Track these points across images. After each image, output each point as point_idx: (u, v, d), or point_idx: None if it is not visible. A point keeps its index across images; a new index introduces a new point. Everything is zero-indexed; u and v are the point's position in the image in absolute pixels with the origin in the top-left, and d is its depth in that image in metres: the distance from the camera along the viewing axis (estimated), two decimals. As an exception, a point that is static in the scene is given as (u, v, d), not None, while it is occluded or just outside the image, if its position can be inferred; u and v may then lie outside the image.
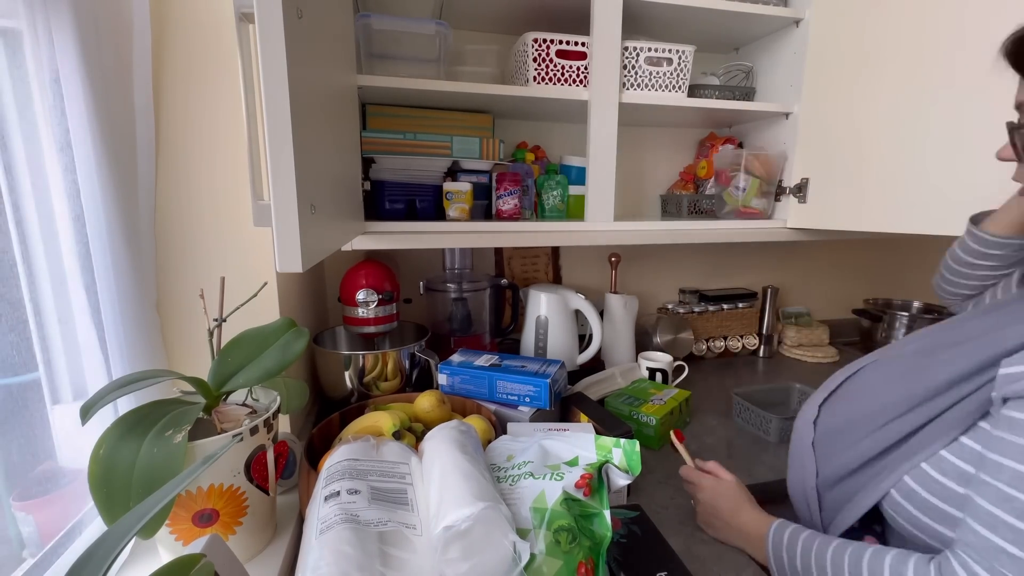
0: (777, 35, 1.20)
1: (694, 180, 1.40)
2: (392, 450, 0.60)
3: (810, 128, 1.11)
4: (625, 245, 1.25)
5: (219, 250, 0.72)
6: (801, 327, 1.51)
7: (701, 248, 1.53)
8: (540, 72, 1.00)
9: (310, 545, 0.45)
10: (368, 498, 0.50)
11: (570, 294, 1.19)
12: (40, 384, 0.58)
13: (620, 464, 0.56)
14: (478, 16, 1.14)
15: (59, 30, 0.53)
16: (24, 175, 0.55)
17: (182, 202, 0.70)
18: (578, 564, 0.47)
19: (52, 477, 0.59)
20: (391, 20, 0.93)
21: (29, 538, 0.55)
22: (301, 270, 0.50)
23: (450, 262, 1.24)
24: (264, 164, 0.54)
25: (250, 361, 0.60)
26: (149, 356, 0.65)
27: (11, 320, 0.54)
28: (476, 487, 0.50)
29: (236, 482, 0.56)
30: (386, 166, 0.99)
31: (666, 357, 1.19)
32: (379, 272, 1.01)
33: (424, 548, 0.47)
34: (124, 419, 0.50)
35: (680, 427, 1.03)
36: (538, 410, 0.86)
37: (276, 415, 0.62)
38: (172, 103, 0.68)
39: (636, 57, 1.03)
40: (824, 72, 1.07)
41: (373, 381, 0.97)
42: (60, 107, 0.55)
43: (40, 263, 0.57)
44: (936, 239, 0.88)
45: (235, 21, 0.58)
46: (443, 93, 0.96)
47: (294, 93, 0.47)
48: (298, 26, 0.49)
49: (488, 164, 1.07)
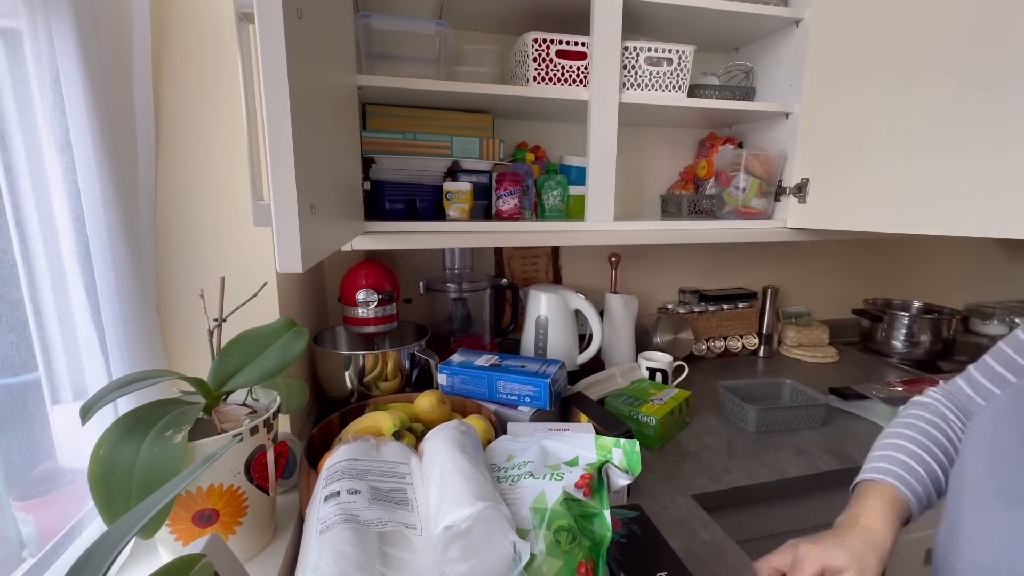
0: (777, 35, 1.20)
1: (694, 180, 1.40)
2: (392, 450, 0.60)
3: (810, 128, 1.11)
4: (625, 245, 1.25)
5: (219, 250, 0.72)
6: (801, 327, 1.51)
7: (701, 248, 1.53)
8: (540, 72, 1.00)
9: (310, 545, 0.45)
10: (368, 498, 0.50)
11: (570, 294, 1.19)
12: (40, 384, 0.58)
13: (620, 464, 0.56)
14: (478, 16, 1.14)
15: (59, 30, 0.53)
16: (24, 175, 0.55)
17: (182, 202, 0.70)
18: (578, 564, 0.47)
19: (52, 477, 0.59)
20: (391, 20, 0.93)
21: (29, 538, 0.55)
22: (301, 270, 0.50)
23: (450, 262, 1.24)
24: (264, 164, 0.54)
25: (250, 361, 0.60)
26: (149, 356, 0.65)
27: (11, 320, 0.54)
28: (476, 487, 0.50)
29: (236, 482, 0.56)
30: (386, 166, 0.99)
31: (666, 357, 1.19)
32: (379, 272, 1.01)
33: (424, 548, 0.47)
34: (124, 419, 0.50)
35: (680, 427, 1.03)
36: (538, 410, 0.86)
37: (276, 415, 0.62)
38: (172, 103, 0.68)
39: (636, 57, 1.03)
40: (824, 72, 1.07)
41: (373, 381, 0.97)
42: (60, 107, 0.55)
43: (40, 263, 0.57)
44: (936, 239, 0.88)
45: (235, 21, 0.58)
46: (443, 93, 0.96)
47: (294, 93, 0.47)
48: (298, 26, 0.49)
49: (488, 164, 1.07)
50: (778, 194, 1.19)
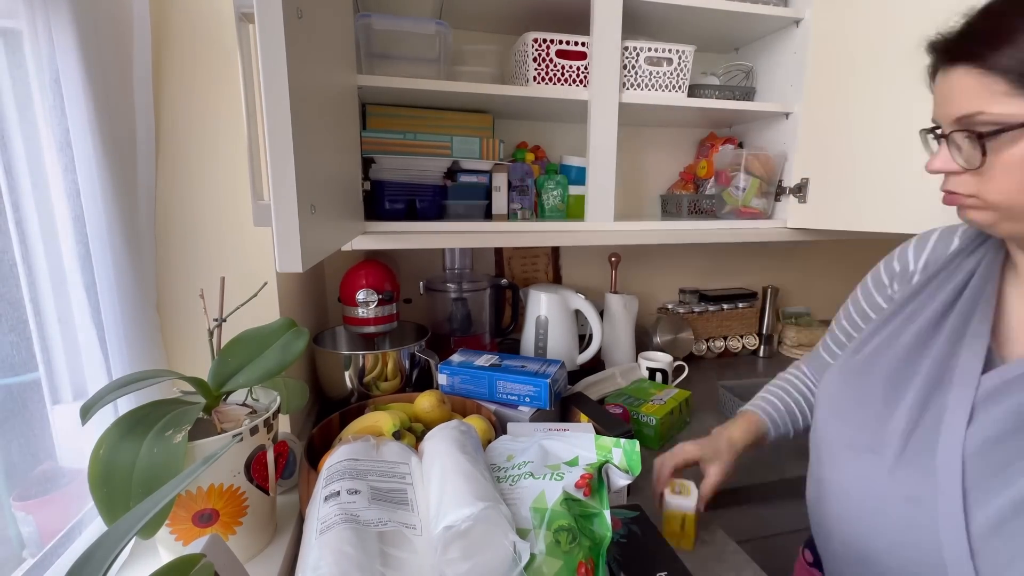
0: (777, 35, 1.20)
1: (694, 180, 1.39)
2: (392, 450, 0.60)
3: (810, 128, 1.11)
4: (625, 245, 1.25)
5: (219, 250, 0.72)
6: (801, 327, 1.51)
7: (701, 248, 1.53)
8: (540, 72, 1.00)
9: (310, 545, 0.45)
10: (368, 498, 0.50)
11: (570, 294, 1.19)
12: (40, 384, 0.58)
13: (620, 464, 0.56)
14: (478, 16, 1.14)
15: (59, 30, 0.53)
16: (24, 175, 0.55)
17: (182, 202, 0.70)
18: (578, 564, 0.47)
19: (52, 477, 0.59)
20: (391, 20, 0.93)
21: (29, 538, 0.55)
22: (301, 270, 0.50)
23: (450, 262, 1.24)
24: (264, 164, 0.54)
25: (250, 361, 0.60)
26: (149, 356, 0.65)
27: (11, 320, 0.54)
28: (476, 487, 0.50)
29: (236, 482, 0.56)
30: (386, 166, 0.99)
31: (666, 357, 1.19)
32: (379, 272, 1.01)
33: (424, 548, 0.47)
34: (124, 419, 0.50)
35: (680, 427, 1.03)
36: (538, 410, 0.86)
37: (276, 415, 0.62)
38: (172, 103, 0.68)
39: (636, 57, 1.03)
40: (824, 72, 1.07)
41: (373, 381, 0.97)
42: (60, 107, 0.55)
43: (40, 263, 0.57)
44: (936, 239, 0.88)
45: (235, 21, 0.58)
46: (443, 93, 0.96)
47: (294, 93, 0.47)
48: (298, 26, 0.49)
49: (488, 164, 1.07)
50: (778, 194, 1.19)
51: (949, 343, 0.54)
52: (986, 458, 0.47)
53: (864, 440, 0.56)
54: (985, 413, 0.49)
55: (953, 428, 0.49)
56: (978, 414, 0.49)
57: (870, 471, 0.54)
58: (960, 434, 0.49)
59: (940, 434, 0.50)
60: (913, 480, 0.51)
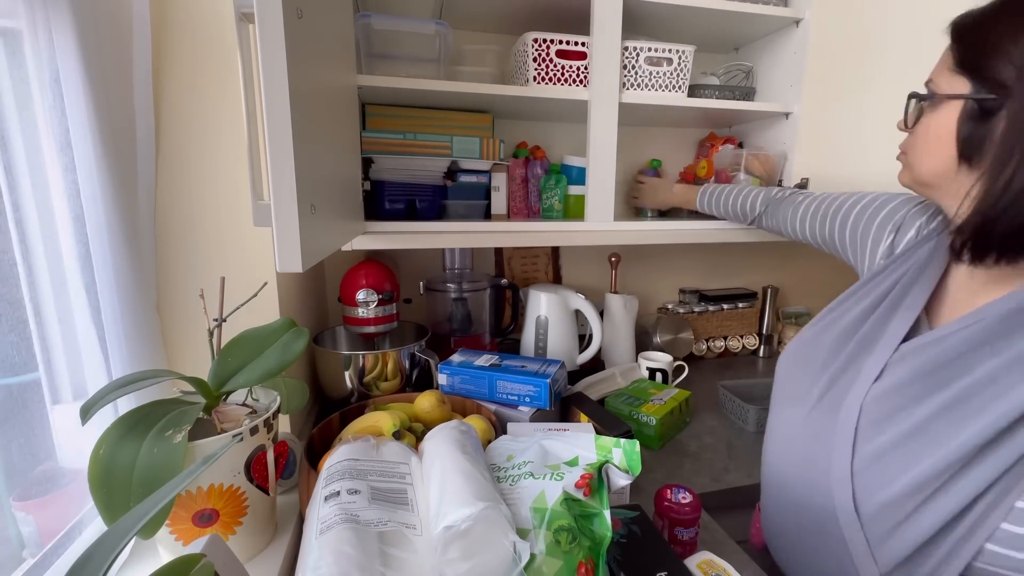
0: (777, 35, 1.20)
1: (694, 180, 1.39)
2: (392, 450, 0.60)
3: (810, 128, 1.11)
4: (625, 245, 1.25)
5: (219, 250, 0.72)
6: (801, 327, 1.51)
7: (701, 248, 1.53)
8: (540, 72, 1.00)
9: (310, 545, 0.45)
10: (368, 498, 0.50)
11: (570, 294, 1.19)
12: (40, 384, 0.58)
13: (620, 464, 0.56)
14: (478, 16, 1.14)
15: (59, 30, 0.53)
16: (24, 175, 0.55)
17: (182, 202, 0.69)
18: (578, 564, 0.47)
19: (52, 477, 0.59)
20: (391, 20, 0.93)
21: (29, 538, 0.55)
22: (301, 270, 0.50)
23: (450, 262, 1.24)
24: (264, 164, 0.54)
25: (250, 361, 0.60)
26: (149, 356, 0.65)
27: (11, 320, 0.54)
28: (476, 487, 0.50)
29: (236, 482, 0.56)
30: (386, 166, 0.99)
31: (666, 357, 1.19)
32: (379, 272, 1.01)
33: (424, 548, 0.47)
34: (124, 419, 0.50)
35: (680, 427, 1.03)
36: (538, 410, 0.86)
37: (276, 415, 0.62)
38: (172, 103, 0.67)
39: (636, 57, 1.03)
40: (824, 72, 1.07)
41: (373, 381, 0.97)
42: (60, 107, 0.55)
43: (40, 263, 0.57)
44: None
45: (235, 21, 0.58)
46: (443, 93, 0.96)
47: (294, 93, 0.47)
48: (298, 26, 0.49)
49: (488, 164, 1.07)
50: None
51: (884, 315, 0.62)
52: (880, 404, 0.56)
53: (796, 394, 0.66)
54: (891, 371, 0.57)
55: (861, 382, 0.59)
56: (886, 372, 0.58)
57: (792, 417, 0.65)
58: (866, 387, 0.58)
59: (851, 388, 0.59)
60: (820, 423, 0.61)
